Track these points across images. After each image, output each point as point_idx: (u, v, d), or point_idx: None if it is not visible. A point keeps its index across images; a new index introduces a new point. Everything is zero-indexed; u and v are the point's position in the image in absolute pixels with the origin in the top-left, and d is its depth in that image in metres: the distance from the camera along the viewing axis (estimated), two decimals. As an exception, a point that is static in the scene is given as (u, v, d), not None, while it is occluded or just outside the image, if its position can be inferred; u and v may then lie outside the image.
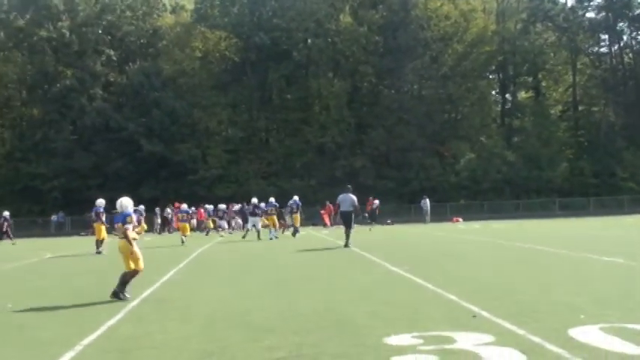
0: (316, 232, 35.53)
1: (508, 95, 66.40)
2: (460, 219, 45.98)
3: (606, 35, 64.88)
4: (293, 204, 32.01)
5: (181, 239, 27.56)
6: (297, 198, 32.44)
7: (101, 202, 23.93)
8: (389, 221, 42.62)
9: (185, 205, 30.83)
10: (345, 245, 20.93)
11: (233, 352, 6.53)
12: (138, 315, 9.04)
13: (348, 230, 21.54)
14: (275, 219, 30.23)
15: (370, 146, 56.32)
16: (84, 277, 15.18)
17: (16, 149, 56.89)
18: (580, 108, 65.69)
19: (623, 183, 55.55)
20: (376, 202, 42.36)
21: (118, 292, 10.44)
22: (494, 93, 67.77)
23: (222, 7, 59.45)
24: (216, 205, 39.80)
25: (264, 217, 30.06)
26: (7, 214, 37.71)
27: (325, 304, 9.28)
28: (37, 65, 57.16)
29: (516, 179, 55.59)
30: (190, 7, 63.51)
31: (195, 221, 40.46)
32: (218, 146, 56.53)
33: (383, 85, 62.33)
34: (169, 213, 44.51)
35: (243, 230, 37.44)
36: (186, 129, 56.32)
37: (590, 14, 65.07)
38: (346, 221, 21.87)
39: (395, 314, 8.23)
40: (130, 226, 10.80)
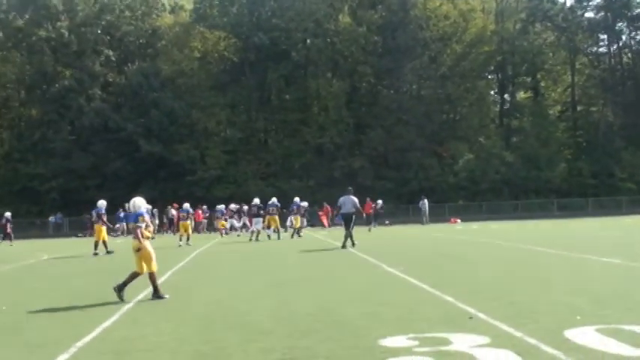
0: (314, 233, 35.48)
1: (507, 95, 66.35)
2: (458, 220, 45.94)
3: (605, 35, 64.92)
4: (294, 205, 32.05)
5: (179, 239, 27.49)
6: (298, 199, 32.49)
7: (103, 203, 23.94)
8: (387, 222, 42.62)
9: (187, 205, 30.82)
10: (343, 246, 21.01)
11: (228, 354, 6.51)
12: (133, 317, 9.01)
13: (347, 231, 21.55)
14: (277, 219, 30.20)
15: (369, 147, 56.28)
16: (81, 278, 15.15)
17: (15, 150, 56.86)
18: (579, 108, 65.70)
19: (621, 183, 55.55)
20: (379, 202, 42.42)
21: (156, 294, 10.57)
22: (492, 93, 67.74)
23: (221, 7, 59.43)
24: (227, 206, 39.86)
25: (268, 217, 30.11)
26: (8, 214, 37.69)
27: (321, 305, 9.25)
28: (35, 65, 57.12)
29: (515, 180, 55.53)
30: (189, 7, 63.47)
31: (193, 222, 40.36)
32: (217, 147, 56.49)
33: (382, 86, 62.31)
34: (174, 214, 44.34)
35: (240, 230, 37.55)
36: (185, 129, 56.28)
37: (589, 14, 65.17)
38: (347, 223, 21.90)
39: (391, 315, 8.20)
40: (143, 225, 10.81)
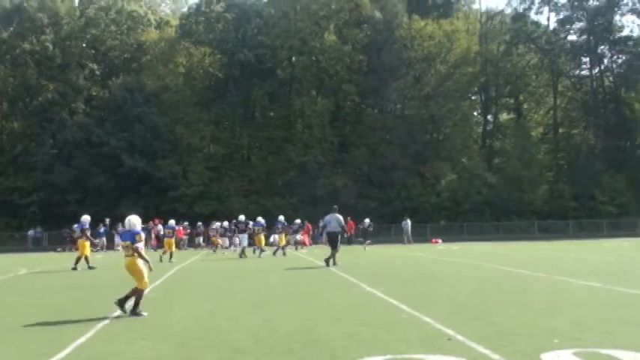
0: (295, 251, 35.39)
1: (490, 116, 66.92)
2: (439, 240, 45.97)
3: (587, 58, 65.67)
4: (278, 224, 32.07)
5: (160, 257, 27.29)
6: (282, 218, 32.50)
7: (87, 218, 23.75)
8: (369, 241, 42.54)
9: (173, 222, 30.72)
10: (327, 264, 21.02)
11: (204, 373, 6.46)
12: (109, 333, 8.92)
13: (333, 250, 21.56)
14: (262, 238, 30.22)
15: (352, 165, 56.35)
16: (58, 293, 14.99)
17: (-5, 162, 56.42)
18: (561, 130, 66.27)
19: (602, 206, 55.84)
20: (367, 220, 42.49)
21: (134, 310, 10.54)
22: (476, 114, 68.24)
23: (207, 23, 59.59)
24: (223, 223, 39.86)
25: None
26: None
27: (301, 324, 9.22)
28: (19, 78, 56.90)
29: (497, 201, 55.69)
30: (175, 22, 63.64)
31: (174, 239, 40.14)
32: (200, 163, 56.32)
33: (366, 104, 62.62)
34: (161, 229, 44.02)
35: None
36: (168, 145, 56.10)
37: (572, 37, 66.07)
38: (333, 241, 21.92)
39: (370, 336, 8.18)
40: (142, 244, 10.99)
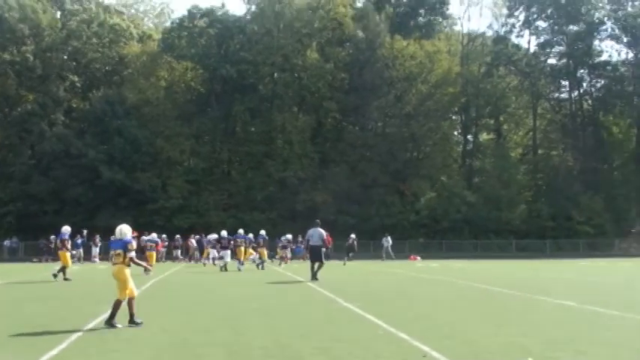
0: (273, 265, 35.29)
1: (470, 136, 67.42)
2: (418, 257, 46.03)
3: (567, 81, 66.43)
4: (260, 238, 32.04)
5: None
6: (263, 232, 32.58)
7: (67, 229, 23.70)
8: (350, 255, 42.51)
9: (155, 235, 30.62)
10: (313, 278, 21.29)
11: (176, 387, 6.40)
12: (82, 345, 8.83)
13: (319, 264, 21.82)
14: (242, 250, 30.47)
15: (332, 181, 56.32)
16: (33, 304, 14.79)
17: (-28, 172, 55.86)
18: (539, 152, 66.85)
19: (579, 227, 56.29)
20: (352, 236, 42.55)
21: (110, 321, 10.52)
22: (456, 133, 68.67)
23: (190, 38, 59.53)
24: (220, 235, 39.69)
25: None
26: None
27: (275, 339, 9.18)
28: (-2, 88, 56.52)
29: (475, 219, 55.98)
30: (157, 36, 63.45)
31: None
32: (179, 176, 56.13)
33: (347, 122, 62.84)
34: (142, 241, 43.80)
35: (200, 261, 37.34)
36: (148, 158, 55.90)
37: (552, 60, 66.90)
38: (315, 255, 22.13)
39: (343, 352, 8.16)
40: (134, 253, 11.06)
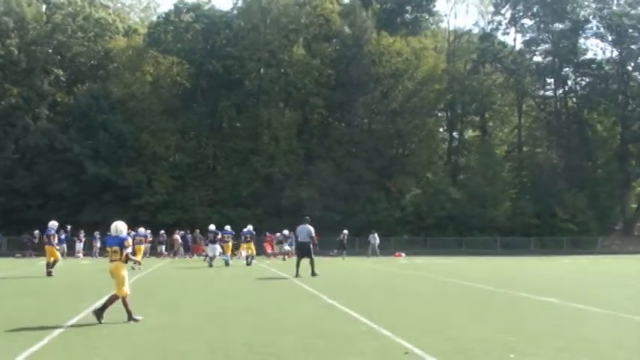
0: (258, 262, 35.26)
1: (455, 133, 67.62)
2: (402, 254, 46.10)
3: (552, 79, 66.82)
4: (247, 232, 32.09)
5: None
6: (250, 227, 32.60)
7: (53, 224, 23.48)
8: (335, 251, 42.58)
9: (143, 229, 30.55)
10: (312, 274, 21.36)
11: (157, 383, 6.38)
12: (63, 342, 8.78)
13: (310, 260, 21.88)
14: (230, 246, 30.95)
15: (318, 178, 56.28)
16: (15, 300, 14.70)
17: (-44, 166, 55.39)
18: (524, 149, 67.19)
19: (563, 224, 56.59)
20: (345, 231, 42.54)
21: (129, 317, 10.65)
22: (442, 130, 68.83)
23: (176, 32, 59.30)
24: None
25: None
26: None
27: (258, 335, 9.18)
28: (-19, 82, 56.07)
29: (460, 216, 56.15)
30: (143, 31, 63.20)
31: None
32: (164, 172, 55.90)
33: (333, 118, 62.78)
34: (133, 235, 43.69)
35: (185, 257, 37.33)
36: (133, 153, 55.64)
37: (537, 58, 67.20)
38: (303, 251, 22.28)
39: (326, 348, 8.17)
40: (130, 249, 11.07)
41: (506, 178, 62.27)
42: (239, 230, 33.78)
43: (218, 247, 30.22)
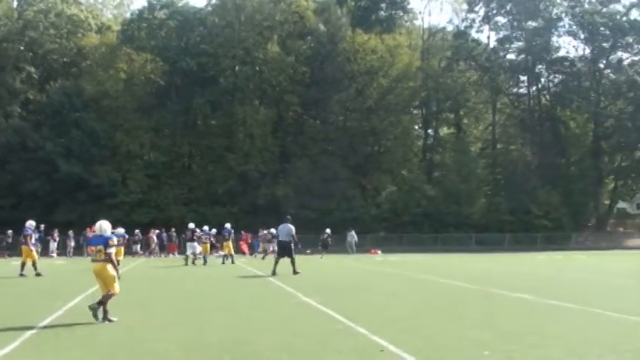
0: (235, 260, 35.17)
1: (430, 130, 67.95)
2: (378, 251, 46.25)
3: (525, 77, 67.28)
4: (225, 231, 32.06)
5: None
6: (228, 225, 32.54)
7: (31, 224, 23.15)
8: (308, 251, 42.57)
9: (122, 230, 30.35)
10: (294, 272, 21.36)
11: (131, 384, 6.33)
12: (35, 344, 8.66)
13: (291, 259, 21.89)
14: (207, 246, 31.21)
15: (293, 175, 56.29)
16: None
17: None
18: (499, 146, 67.67)
19: (537, 221, 57.07)
20: (328, 230, 42.54)
21: (104, 317, 10.55)
22: (417, 128, 69.06)
23: (150, 29, 58.94)
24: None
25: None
26: None
27: (233, 334, 9.14)
28: (-48, 79, 55.21)
29: (435, 213, 56.43)
30: (117, 27, 62.63)
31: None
32: (139, 170, 55.56)
33: (308, 115, 62.77)
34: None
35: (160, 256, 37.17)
36: (107, 151, 55.20)
37: (511, 56, 67.60)
38: (284, 250, 22.35)
39: (302, 347, 8.16)
40: (114, 249, 10.97)
41: (481, 175, 62.68)
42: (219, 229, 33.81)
43: (197, 245, 30.11)
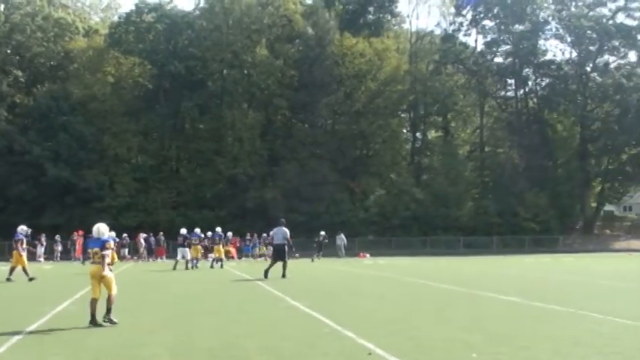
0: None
1: (418, 134, 68.10)
2: (367, 255, 46.28)
3: (512, 80, 67.52)
4: (216, 235, 32.03)
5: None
6: (219, 229, 32.67)
7: (22, 228, 22.93)
8: (296, 254, 42.51)
9: (113, 233, 30.29)
10: (283, 276, 21.41)
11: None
12: (22, 349, 8.62)
13: (283, 264, 21.92)
14: (199, 249, 31.16)
15: (282, 179, 56.27)
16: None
17: None
18: (486, 149, 67.92)
19: (524, 223, 57.23)
20: (322, 233, 42.56)
21: (91, 321, 10.56)
22: (405, 131, 69.22)
23: (137, 33, 58.80)
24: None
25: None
26: None
27: (221, 339, 9.12)
28: (-62, 83, 54.93)
29: (424, 216, 56.52)
30: (104, 31, 62.47)
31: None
32: (127, 174, 55.43)
33: (297, 119, 62.82)
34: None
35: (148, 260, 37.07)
36: (95, 155, 55.09)
37: (498, 59, 67.84)
38: (279, 254, 22.32)
39: (290, 350, 8.15)
40: (109, 252, 10.99)
41: (469, 178, 62.85)
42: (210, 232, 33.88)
43: (188, 250, 30.07)
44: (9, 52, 58.09)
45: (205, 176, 56.61)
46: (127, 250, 42.28)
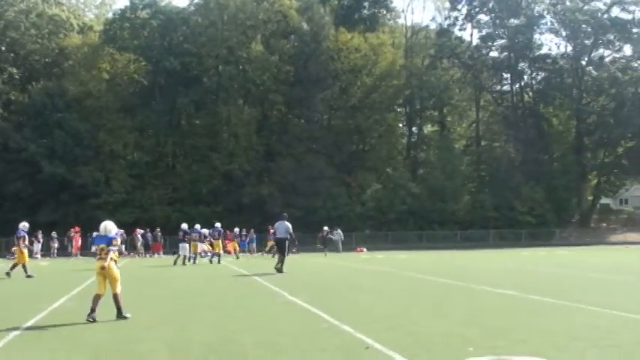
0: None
1: (414, 128, 68.15)
2: (364, 249, 46.32)
3: (508, 74, 67.58)
4: (215, 231, 32.05)
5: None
6: (219, 225, 32.70)
7: (24, 225, 22.83)
8: (294, 249, 42.48)
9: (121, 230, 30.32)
10: (279, 270, 21.39)
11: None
12: (19, 345, 8.61)
13: (282, 257, 22.07)
14: (197, 245, 31.00)
15: (278, 174, 56.26)
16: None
17: None
18: (482, 143, 67.99)
19: (521, 217, 57.37)
20: (325, 228, 42.69)
21: (120, 314, 10.78)
22: (401, 126, 69.28)
23: (132, 29, 58.63)
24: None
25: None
26: None
27: (219, 334, 9.13)
28: None
29: (420, 211, 56.60)
30: (99, 27, 62.26)
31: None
32: (122, 170, 55.34)
33: (292, 114, 62.76)
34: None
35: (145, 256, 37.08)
36: (90, 151, 54.94)
37: (494, 53, 67.92)
38: (281, 248, 22.49)
39: (287, 345, 8.16)
40: (116, 249, 11.06)
41: (465, 172, 62.98)
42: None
43: (187, 246, 30.05)
44: (3, 49, 57.89)
45: (201, 172, 56.56)
46: (123, 247, 42.22)
